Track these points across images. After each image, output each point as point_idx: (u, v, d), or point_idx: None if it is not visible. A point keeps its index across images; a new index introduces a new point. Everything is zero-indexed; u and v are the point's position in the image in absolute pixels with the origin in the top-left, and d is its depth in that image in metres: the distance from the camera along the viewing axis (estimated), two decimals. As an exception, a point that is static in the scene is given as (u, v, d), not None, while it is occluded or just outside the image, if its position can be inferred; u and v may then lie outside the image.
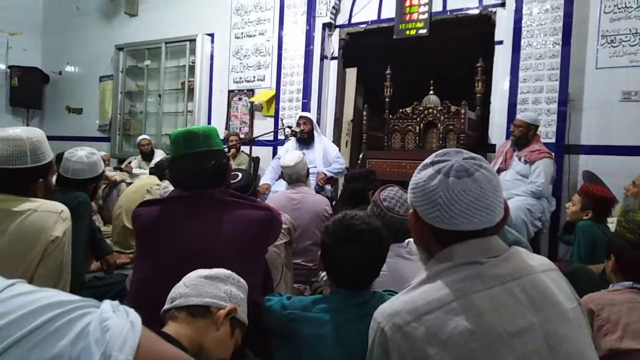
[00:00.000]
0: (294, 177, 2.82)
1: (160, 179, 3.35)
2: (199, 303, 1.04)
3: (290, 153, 2.98)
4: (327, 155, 4.25)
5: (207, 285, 1.08)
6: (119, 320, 0.58)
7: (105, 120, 6.95)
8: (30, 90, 7.41)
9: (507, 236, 2.23)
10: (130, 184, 4.16)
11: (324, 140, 4.43)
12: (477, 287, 0.83)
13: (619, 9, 3.71)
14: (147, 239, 1.43)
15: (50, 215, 1.47)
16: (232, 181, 2.23)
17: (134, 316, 0.64)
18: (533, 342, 0.79)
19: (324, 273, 1.40)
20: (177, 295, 1.07)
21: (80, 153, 2.27)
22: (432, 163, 0.91)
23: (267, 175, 4.40)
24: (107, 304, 0.61)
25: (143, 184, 3.47)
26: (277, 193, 3.09)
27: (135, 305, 1.31)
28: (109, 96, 6.85)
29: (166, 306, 1.07)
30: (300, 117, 4.34)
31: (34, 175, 1.48)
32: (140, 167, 5.37)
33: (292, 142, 4.43)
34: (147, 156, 5.39)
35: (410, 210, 0.95)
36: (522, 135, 3.49)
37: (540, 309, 0.82)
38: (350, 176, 2.76)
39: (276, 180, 4.30)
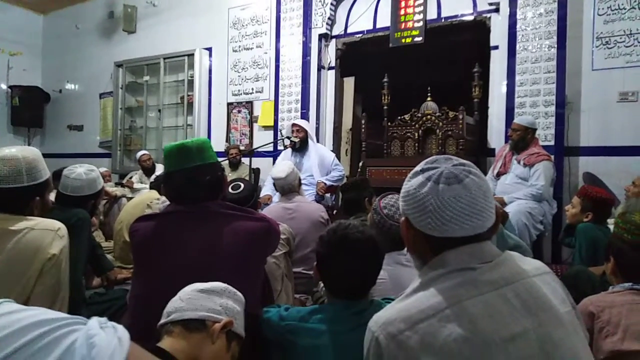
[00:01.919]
0: (287, 187, 2.82)
1: (160, 193, 3.36)
2: (194, 317, 1.04)
3: (280, 164, 2.98)
4: (324, 162, 4.22)
5: (203, 299, 1.08)
6: (106, 336, 0.58)
7: (107, 136, 6.99)
8: (31, 110, 7.46)
9: (508, 240, 2.21)
10: (131, 198, 4.17)
11: (319, 148, 4.39)
12: (471, 293, 0.82)
13: (612, 10, 3.72)
14: (144, 255, 1.43)
15: (47, 233, 1.47)
16: (234, 191, 2.24)
17: (122, 332, 0.64)
18: (527, 347, 0.78)
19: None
20: (172, 310, 1.07)
21: (79, 170, 2.27)
22: (422, 170, 0.91)
23: (267, 186, 4.39)
24: (94, 321, 0.60)
25: (143, 198, 3.47)
26: (271, 205, 3.08)
27: (133, 321, 1.32)
28: (110, 112, 6.90)
29: (162, 320, 1.07)
30: (293, 124, 4.29)
31: (31, 193, 1.48)
32: (141, 182, 5.39)
33: (288, 152, 4.42)
34: (149, 171, 5.40)
35: (402, 218, 0.95)
36: (520, 139, 3.49)
37: (534, 314, 0.82)
38: (344, 186, 2.77)
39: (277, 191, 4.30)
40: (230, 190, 2.28)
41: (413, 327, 0.80)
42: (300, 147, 4.21)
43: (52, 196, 3.12)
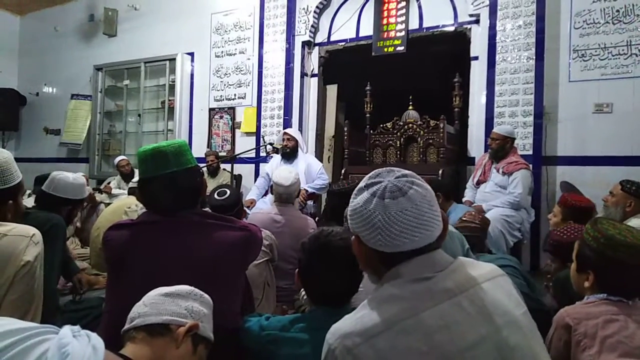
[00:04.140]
0: (284, 196, 2.69)
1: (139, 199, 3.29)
2: (158, 322, 1.01)
3: (285, 170, 2.81)
4: (310, 170, 4.25)
5: (167, 302, 1.05)
6: (79, 345, 0.56)
7: (72, 139, 6.77)
8: (6, 112, 7.28)
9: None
10: (108, 204, 4.08)
11: (308, 157, 4.44)
12: (426, 304, 0.82)
13: (587, 24, 3.84)
14: (118, 267, 1.36)
15: (21, 239, 1.42)
16: (220, 197, 2.22)
17: (96, 340, 0.62)
18: (485, 355, 0.79)
19: (304, 292, 1.37)
20: (135, 315, 1.03)
21: (68, 174, 2.37)
22: (367, 186, 0.91)
23: (252, 192, 4.39)
24: (67, 329, 0.58)
25: (121, 204, 3.40)
26: (261, 213, 2.97)
27: (107, 337, 1.27)
28: (82, 115, 6.75)
29: (125, 327, 1.03)
30: (285, 133, 4.35)
31: (3, 197, 1.43)
32: (119, 188, 5.29)
33: (277, 158, 4.42)
34: (127, 177, 5.30)
35: (353, 237, 0.94)
36: (499, 148, 3.55)
37: (490, 320, 0.82)
38: (333, 193, 2.67)
39: (262, 197, 4.30)
40: (215, 196, 2.26)
41: (369, 340, 0.80)
42: (289, 154, 4.23)
43: (31, 200, 3.08)
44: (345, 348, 0.81)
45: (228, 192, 2.26)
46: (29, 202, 2.91)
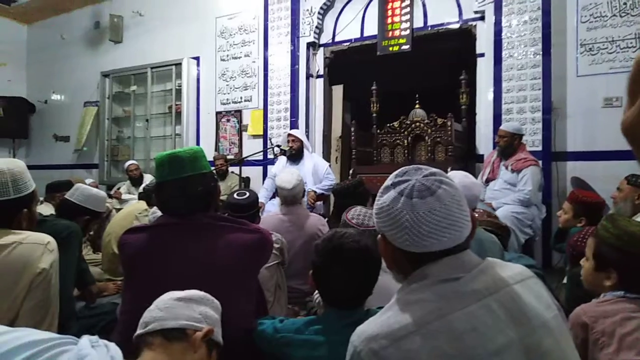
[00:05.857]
0: (290, 198, 2.72)
1: (149, 204, 3.32)
2: (175, 326, 1.01)
3: (288, 173, 2.84)
4: (317, 171, 4.25)
5: (182, 307, 1.05)
6: (98, 356, 0.56)
7: (77, 144, 6.87)
8: (15, 120, 7.36)
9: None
10: (119, 209, 4.11)
11: (314, 157, 4.44)
12: (454, 306, 0.80)
13: (594, 18, 3.80)
14: (134, 269, 1.39)
15: (36, 247, 1.43)
16: (240, 197, 2.28)
17: (115, 351, 0.62)
18: (514, 359, 0.77)
19: (317, 294, 1.38)
20: (150, 319, 1.03)
21: (93, 187, 2.60)
22: (393, 185, 0.89)
23: (261, 194, 4.40)
24: (85, 340, 0.59)
25: (131, 210, 3.43)
26: (269, 215, 2.99)
27: (122, 339, 1.28)
28: (86, 121, 6.80)
29: (139, 331, 1.03)
30: (289, 134, 4.37)
31: (18, 206, 1.45)
32: (129, 193, 5.32)
33: (282, 160, 4.43)
34: (136, 181, 5.34)
35: (379, 236, 0.93)
36: (507, 145, 3.53)
37: (519, 323, 0.80)
38: (338, 192, 2.69)
39: (270, 199, 4.31)
40: (235, 196, 2.33)
41: (395, 343, 0.78)
42: (295, 155, 4.24)
43: (44, 207, 3.11)
44: (372, 351, 0.79)
45: (247, 193, 2.36)
46: (42, 209, 2.96)
